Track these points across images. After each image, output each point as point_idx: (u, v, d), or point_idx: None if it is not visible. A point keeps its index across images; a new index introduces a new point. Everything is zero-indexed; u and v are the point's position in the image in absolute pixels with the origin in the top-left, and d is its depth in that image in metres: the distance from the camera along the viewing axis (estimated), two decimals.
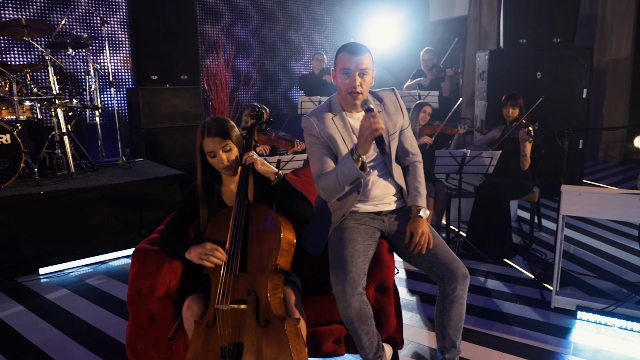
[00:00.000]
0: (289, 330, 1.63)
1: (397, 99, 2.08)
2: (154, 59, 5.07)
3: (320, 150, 1.95)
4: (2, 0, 5.64)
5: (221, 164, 1.86)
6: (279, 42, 8.11)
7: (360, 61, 1.86)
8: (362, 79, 1.88)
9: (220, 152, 1.85)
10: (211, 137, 1.83)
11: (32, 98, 3.70)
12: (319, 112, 1.99)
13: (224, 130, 1.84)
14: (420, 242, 1.95)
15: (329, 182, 1.86)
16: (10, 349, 2.47)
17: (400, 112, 2.06)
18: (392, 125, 2.04)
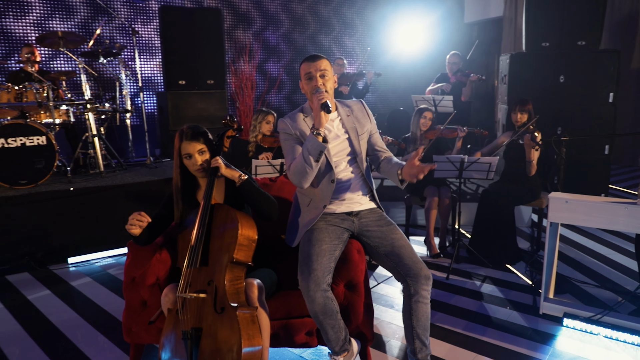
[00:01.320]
0: (241, 316, 1.80)
1: (364, 108, 2.28)
2: (182, 65, 5.38)
3: (292, 144, 2.13)
4: (49, 12, 6.17)
5: (195, 165, 2.07)
6: (309, 45, 8.30)
7: (318, 65, 2.09)
8: (323, 80, 2.09)
9: (196, 155, 2.05)
10: (188, 141, 2.04)
11: (66, 103, 4.07)
12: (293, 114, 2.19)
13: (199, 135, 2.06)
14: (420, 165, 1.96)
15: (298, 164, 2.04)
16: (33, 327, 2.78)
17: (367, 118, 2.25)
18: (360, 127, 2.21)
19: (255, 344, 1.82)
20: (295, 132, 2.14)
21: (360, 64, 8.80)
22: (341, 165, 2.16)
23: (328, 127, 2.16)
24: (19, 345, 2.57)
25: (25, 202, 3.68)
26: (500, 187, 3.67)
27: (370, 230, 2.16)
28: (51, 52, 5.91)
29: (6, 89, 3.95)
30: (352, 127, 2.19)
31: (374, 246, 2.14)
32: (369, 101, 9.04)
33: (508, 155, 3.77)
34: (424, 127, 3.97)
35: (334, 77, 2.15)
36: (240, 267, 1.96)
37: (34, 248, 3.68)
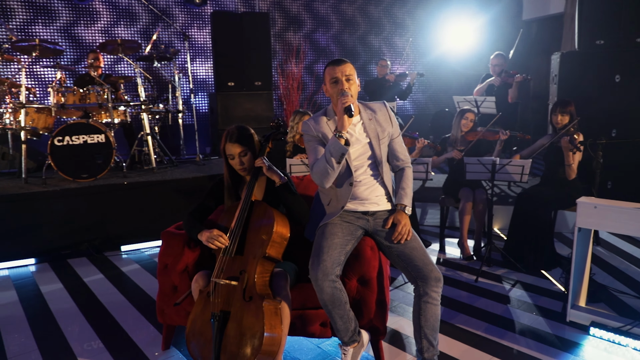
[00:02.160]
0: (266, 307, 1.94)
1: (387, 111, 2.30)
2: (231, 67, 5.66)
3: (315, 145, 2.23)
4: (115, 19, 6.70)
5: (237, 165, 2.23)
6: (359, 46, 8.37)
7: (344, 69, 2.15)
8: (349, 84, 2.15)
9: (237, 156, 2.21)
10: (231, 143, 2.21)
11: (123, 104, 4.44)
12: (316, 117, 2.28)
13: (243, 138, 2.22)
14: (401, 232, 2.15)
15: (320, 165, 2.14)
16: (85, 305, 3.10)
17: (389, 121, 2.28)
18: (382, 131, 2.26)
19: (276, 333, 1.96)
20: (318, 134, 2.23)
21: (411, 64, 8.77)
22: (361, 169, 2.24)
23: (350, 132, 2.22)
24: (72, 321, 2.88)
25: (85, 194, 4.07)
26: (538, 191, 3.58)
27: (384, 231, 2.23)
28: (115, 57, 6.41)
29: (72, 92, 4.38)
30: (374, 131, 2.24)
31: (387, 246, 2.21)
32: (419, 101, 8.97)
33: (548, 159, 3.66)
34: (464, 128, 3.94)
35: (357, 80, 2.22)
36: (270, 262, 2.11)
37: (92, 236, 4.06)
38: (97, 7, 6.63)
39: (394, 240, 2.16)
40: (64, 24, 6.50)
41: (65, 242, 3.98)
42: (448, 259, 3.78)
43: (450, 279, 3.37)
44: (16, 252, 3.84)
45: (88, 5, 6.55)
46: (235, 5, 7.40)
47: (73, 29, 6.56)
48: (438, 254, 3.90)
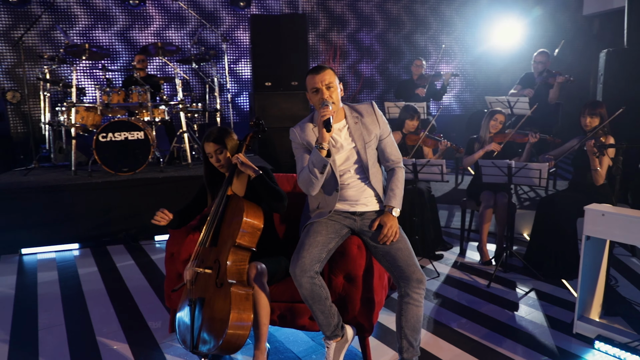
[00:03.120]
0: (235, 293, 2.07)
1: (374, 112, 2.31)
2: (269, 68, 5.83)
3: (301, 152, 2.30)
4: (166, 23, 7.12)
5: (215, 163, 2.37)
6: (403, 45, 8.29)
7: (323, 78, 2.18)
8: (329, 91, 2.19)
9: (214, 154, 2.35)
10: (207, 142, 2.36)
11: (162, 103, 4.75)
12: (303, 123, 2.35)
13: (218, 137, 2.36)
14: (387, 234, 2.17)
15: (305, 174, 2.22)
16: (113, 289, 3.37)
17: (376, 123, 2.29)
18: (368, 134, 2.28)
19: (245, 318, 2.07)
20: (303, 142, 2.30)
21: (459, 62, 8.56)
22: (348, 174, 2.28)
23: (335, 138, 2.27)
24: (98, 301, 3.16)
25: (125, 186, 4.40)
26: (563, 196, 3.42)
27: (371, 231, 2.26)
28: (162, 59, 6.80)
29: (117, 92, 4.75)
30: (360, 135, 2.27)
31: (373, 246, 2.24)
32: (466, 100, 8.72)
33: (576, 163, 3.49)
34: (493, 129, 3.84)
35: (339, 85, 2.26)
36: (244, 251, 2.23)
37: (129, 225, 4.38)
38: (150, 12, 7.08)
39: (379, 242, 2.19)
40: (121, 28, 7.00)
41: (105, 230, 4.33)
42: (466, 262, 3.71)
43: (463, 283, 3.32)
44: (63, 238, 4.23)
45: (142, 10, 7.01)
46: (279, 6, 7.61)
47: (128, 33, 7.05)
48: (457, 257, 3.83)
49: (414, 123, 3.94)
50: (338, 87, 2.25)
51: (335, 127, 2.30)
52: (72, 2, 6.74)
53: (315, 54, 7.80)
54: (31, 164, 5.02)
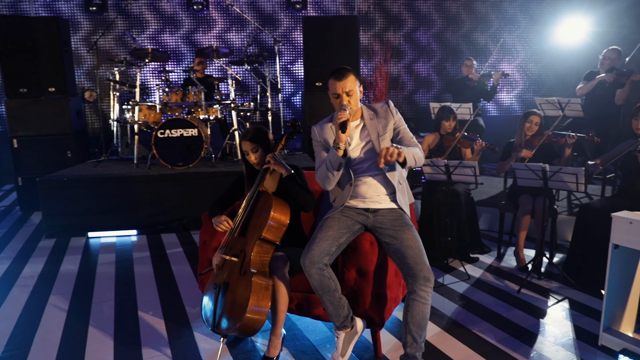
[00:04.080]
0: (255, 282, 2.23)
1: (388, 107, 2.42)
2: (319, 68, 5.99)
3: (319, 150, 2.43)
4: (227, 26, 7.51)
5: (252, 160, 2.55)
6: (462, 44, 8.11)
7: (344, 85, 2.29)
8: (349, 98, 2.30)
9: (250, 153, 2.53)
10: (244, 141, 2.53)
11: (215, 102, 5.07)
12: (322, 123, 2.47)
13: (254, 136, 2.52)
14: (381, 154, 2.11)
15: (322, 170, 2.35)
16: (160, 272, 3.69)
17: (390, 115, 2.40)
18: (382, 127, 2.38)
19: (263, 306, 2.23)
20: (321, 140, 2.43)
21: (522, 61, 8.21)
22: (363, 170, 2.38)
23: (350, 135, 2.39)
24: (145, 283, 3.49)
25: (179, 179, 4.76)
26: (606, 203, 3.25)
27: (383, 228, 2.34)
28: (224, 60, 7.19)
29: (175, 92, 5.13)
30: (375, 130, 2.37)
31: (385, 242, 2.32)
32: (529, 101, 8.35)
33: (624, 168, 3.31)
34: (528, 132, 3.74)
35: (359, 88, 2.36)
36: (268, 244, 2.39)
37: (182, 216, 4.74)
38: (213, 16, 7.51)
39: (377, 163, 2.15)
40: (186, 32, 7.50)
41: (161, 219, 4.72)
42: (501, 267, 3.63)
43: (492, 287, 3.27)
44: (123, 224, 4.67)
45: (205, 15, 7.45)
46: (335, 7, 7.75)
47: (193, 36, 7.53)
48: (494, 261, 3.76)
49: (451, 123, 3.92)
50: (358, 91, 2.34)
51: (352, 124, 2.41)
52: (143, 8, 7.32)
53: (368, 54, 7.86)
54: (101, 156, 5.56)
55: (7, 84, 5.49)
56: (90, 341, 2.66)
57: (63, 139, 5.61)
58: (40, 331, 2.79)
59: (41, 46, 5.48)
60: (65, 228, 4.60)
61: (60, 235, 4.59)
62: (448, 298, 3.10)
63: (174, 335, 2.70)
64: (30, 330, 2.80)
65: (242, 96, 5.59)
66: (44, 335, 2.74)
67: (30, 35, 5.43)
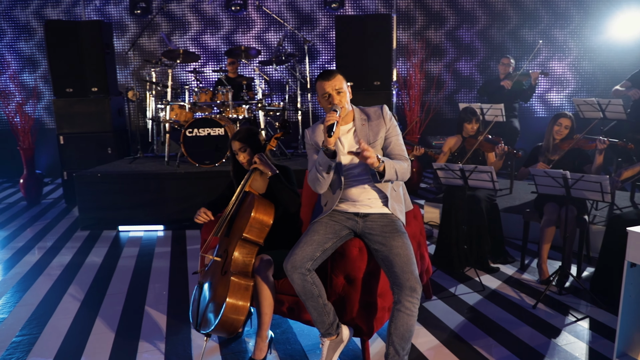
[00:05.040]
0: (234, 282, 2.23)
1: (382, 114, 2.32)
2: (351, 68, 5.91)
3: (311, 153, 2.39)
4: (265, 26, 7.59)
5: (241, 159, 2.55)
6: (508, 41, 7.72)
7: (333, 84, 2.23)
8: (339, 96, 2.23)
9: (238, 151, 2.53)
10: (233, 140, 2.54)
11: (242, 102, 5.14)
12: (315, 125, 2.42)
13: (243, 136, 2.53)
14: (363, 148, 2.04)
15: (312, 174, 2.31)
16: (175, 268, 3.79)
17: (383, 124, 2.30)
18: (373, 135, 2.29)
19: (241, 306, 2.23)
20: (313, 143, 2.38)
21: (574, 59, 7.70)
22: (354, 175, 2.31)
23: (341, 141, 2.33)
24: (159, 278, 3.59)
25: (205, 177, 4.86)
26: (636, 215, 2.97)
27: (373, 234, 2.25)
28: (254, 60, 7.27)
29: (205, 91, 5.25)
30: (364, 136, 2.30)
31: (374, 249, 2.24)
32: None
33: None
34: (557, 135, 3.49)
35: (347, 89, 2.30)
36: (251, 245, 2.38)
37: None
38: (252, 16, 7.62)
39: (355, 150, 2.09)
40: (226, 32, 7.66)
41: (186, 215, 4.84)
42: (522, 279, 3.41)
43: (507, 300, 3.08)
44: (151, 219, 4.84)
45: (244, 15, 7.58)
46: (374, 5, 7.62)
47: (233, 36, 7.68)
48: (515, 272, 3.54)
49: (473, 126, 3.72)
50: (347, 91, 2.29)
51: (344, 129, 2.35)
52: (186, 10, 7.56)
53: (407, 53, 7.66)
54: (137, 153, 5.80)
55: (55, 84, 5.85)
56: (95, 331, 2.78)
57: (104, 136, 5.91)
58: (53, 319, 2.94)
59: (85, 48, 5.80)
60: (98, 221, 4.84)
61: (93, 228, 4.84)
62: (456, 309, 2.95)
63: (172, 331, 2.76)
64: (45, 318, 2.96)
65: (271, 96, 5.62)
66: (55, 323, 2.89)
67: (76, 38, 5.76)
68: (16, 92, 7.22)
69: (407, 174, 2.25)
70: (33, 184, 6.04)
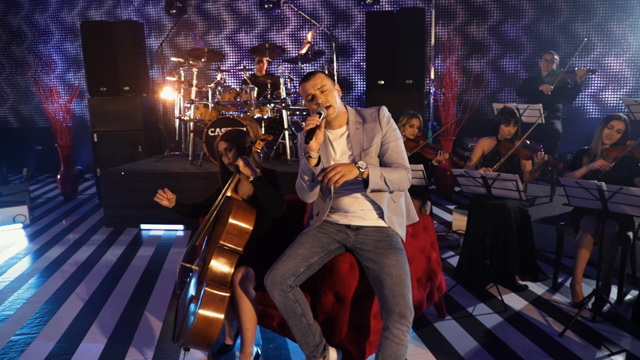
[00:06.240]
0: (207, 292, 2.09)
1: (379, 117, 2.08)
2: (382, 66, 5.66)
3: (302, 158, 2.19)
4: (300, 24, 7.44)
5: (226, 160, 2.42)
6: (558, 36, 7.15)
7: (315, 83, 2.04)
8: (325, 95, 2.04)
9: (224, 152, 2.40)
10: (220, 141, 2.41)
11: (264, 102, 5.02)
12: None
13: (230, 138, 2.39)
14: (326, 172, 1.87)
15: (298, 182, 2.13)
16: None
17: (379, 128, 2.07)
18: (368, 140, 2.07)
19: (213, 318, 2.08)
20: (303, 147, 2.18)
21: (633, 54, 7.01)
22: (345, 183, 2.08)
23: (333, 146, 2.13)
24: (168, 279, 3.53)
25: None
26: None
27: (364, 249, 2.04)
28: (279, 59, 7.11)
29: (228, 91, 5.18)
30: (358, 142, 2.08)
31: (365, 266, 2.02)
32: None
33: None
34: (607, 140, 3.10)
35: (335, 86, 2.09)
36: (229, 253, 2.22)
37: None
38: (286, 14, 7.51)
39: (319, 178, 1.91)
40: (261, 31, 7.60)
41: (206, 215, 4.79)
42: (552, 300, 3.05)
43: (531, 325, 2.75)
44: (172, 219, 4.82)
45: (278, 13, 7.48)
46: (413, 0, 7.29)
47: (267, 34, 7.61)
48: (546, 292, 3.18)
49: (510, 129, 3.38)
50: (334, 88, 2.08)
51: (337, 133, 2.14)
52: (221, 9, 7.57)
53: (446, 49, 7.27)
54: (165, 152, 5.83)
55: (90, 83, 6.00)
56: (90, 334, 2.74)
57: (135, 134, 5.99)
58: (54, 319, 2.93)
59: (118, 48, 5.90)
60: (122, 219, 4.89)
61: (117, 226, 4.89)
62: (470, 332, 2.67)
63: (164, 339, 2.66)
64: (47, 317, 2.96)
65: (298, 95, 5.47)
66: (54, 323, 2.88)
67: (110, 38, 5.87)
68: (62, 91, 7.52)
69: (404, 183, 2.01)
70: (69, 179, 6.22)
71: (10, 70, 8.28)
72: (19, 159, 8.23)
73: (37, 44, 8.10)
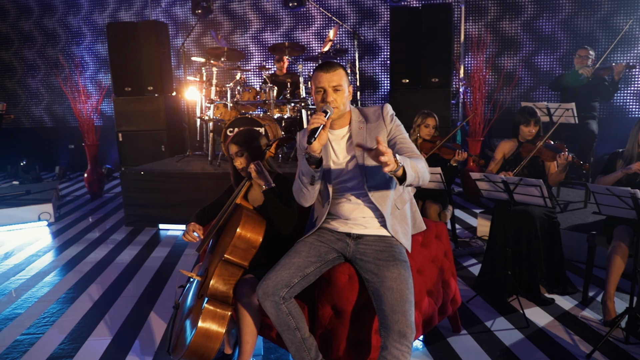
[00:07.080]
0: (207, 309, 1.97)
1: (382, 115, 1.96)
2: (407, 64, 5.46)
3: (301, 159, 2.07)
4: (325, 23, 7.32)
5: (237, 165, 2.29)
6: (597, 31, 6.74)
7: (331, 78, 1.90)
8: (337, 94, 1.90)
9: (235, 156, 2.28)
10: (231, 143, 2.29)
11: (284, 101, 4.92)
12: (305, 129, 2.09)
13: (242, 140, 2.26)
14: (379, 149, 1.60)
15: (296, 184, 2.01)
16: None
17: (383, 126, 1.95)
18: (371, 139, 1.93)
19: (213, 333, 1.96)
20: (301, 147, 2.07)
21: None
22: (345, 188, 1.98)
23: (334, 147, 2.00)
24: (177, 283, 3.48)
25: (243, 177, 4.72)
26: None
27: (364, 260, 1.90)
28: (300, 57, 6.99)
29: (248, 90, 5.11)
30: (362, 141, 1.94)
31: (365, 279, 1.88)
32: None
33: None
34: None
35: (348, 88, 1.95)
36: (234, 267, 2.10)
37: None
38: (312, 13, 7.40)
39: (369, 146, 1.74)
40: (286, 30, 7.53)
41: None
42: (581, 317, 2.81)
43: (555, 344, 2.52)
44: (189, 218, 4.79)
45: (304, 11, 7.38)
46: None
47: (292, 33, 7.53)
48: (575, 307, 2.94)
49: (531, 129, 3.16)
50: (346, 90, 1.94)
51: (338, 134, 2.01)
52: (247, 9, 7.54)
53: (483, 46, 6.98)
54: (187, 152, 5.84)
55: (115, 83, 6.08)
56: (93, 335, 2.71)
57: (158, 134, 6.04)
58: (61, 319, 2.93)
59: (143, 49, 5.95)
60: (141, 218, 4.90)
61: (137, 225, 4.91)
62: (486, 349, 2.48)
63: (164, 346, 2.60)
64: (55, 317, 2.96)
65: None
66: (61, 324, 2.87)
67: (134, 39, 5.93)
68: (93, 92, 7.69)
69: (427, 174, 1.84)
70: (96, 178, 6.33)
71: (45, 71, 8.54)
72: (52, 158, 8.48)
73: (70, 45, 8.32)
